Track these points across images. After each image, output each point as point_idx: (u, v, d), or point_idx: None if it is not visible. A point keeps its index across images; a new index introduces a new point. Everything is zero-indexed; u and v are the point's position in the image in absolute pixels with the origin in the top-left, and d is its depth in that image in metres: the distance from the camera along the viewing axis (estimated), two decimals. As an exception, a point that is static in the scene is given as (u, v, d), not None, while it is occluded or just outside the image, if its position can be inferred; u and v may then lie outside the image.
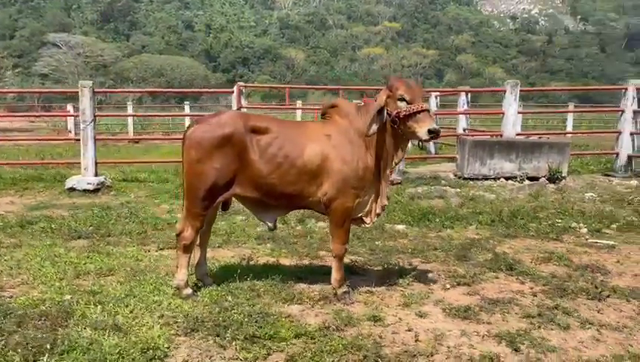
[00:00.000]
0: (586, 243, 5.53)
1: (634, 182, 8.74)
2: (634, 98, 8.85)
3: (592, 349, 3.05)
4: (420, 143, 3.92)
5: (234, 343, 3.08)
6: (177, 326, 3.30)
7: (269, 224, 3.87)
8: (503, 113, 9.00)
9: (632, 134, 8.99)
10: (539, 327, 3.32)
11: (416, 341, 3.13)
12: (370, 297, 3.83)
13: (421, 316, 3.49)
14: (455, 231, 6.00)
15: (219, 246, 5.32)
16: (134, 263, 4.62)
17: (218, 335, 3.16)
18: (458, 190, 8.00)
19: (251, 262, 4.65)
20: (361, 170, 3.59)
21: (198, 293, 3.84)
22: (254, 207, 3.85)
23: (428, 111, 3.53)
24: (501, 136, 9.03)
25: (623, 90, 9.06)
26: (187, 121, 20.65)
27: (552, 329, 3.29)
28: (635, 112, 8.93)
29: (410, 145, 5.26)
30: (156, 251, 5.15)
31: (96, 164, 8.41)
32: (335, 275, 3.79)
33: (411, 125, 3.50)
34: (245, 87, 8.66)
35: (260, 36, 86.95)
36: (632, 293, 3.94)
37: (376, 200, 3.73)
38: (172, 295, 3.80)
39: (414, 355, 2.94)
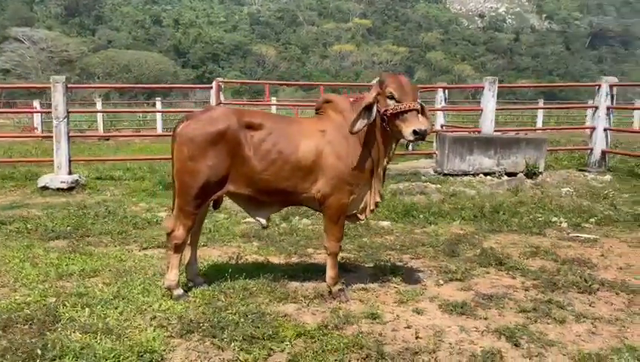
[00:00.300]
0: (568, 238, 5.62)
1: (607, 177, 8.95)
2: (607, 95, 9.05)
3: (589, 342, 3.08)
4: (407, 143, 3.88)
5: (232, 344, 3.00)
6: (172, 328, 3.20)
7: (262, 221, 3.80)
8: (482, 110, 9.09)
9: (605, 130, 9.19)
10: (535, 321, 3.34)
11: (416, 338, 3.10)
12: (365, 294, 3.80)
13: (418, 313, 3.48)
14: (440, 227, 6.01)
15: (204, 245, 5.20)
16: (118, 264, 4.48)
17: (215, 337, 3.09)
18: (439, 186, 8.04)
19: (240, 261, 4.57)
20: (356, 166, 3.54)
21: (189, 294, 3.74)
22: (247, 204, 3.77)
23: (417, 111, 3.39)
24: (479, 132, 9.13)
25: (597, 87, 9.26)
26: (159, 118, 20.31)
27: (548, 324, 3.31)
28: (608, 109, 9.14)
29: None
30: (139, 251, 5.01)
31: (69, 161, 8.15)
32: (330, 273, 3.74)
33: (398, 124, 3.38)
34: (224, 82, 8.52)
35: (230, 32, 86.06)
36: (620, 286, 4.00)
37: (370, 196, 3.69)
38: (162, 296, 3.70)
39: (416, 352, 2.91)
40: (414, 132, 3.33)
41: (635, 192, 8.14)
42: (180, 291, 3.69)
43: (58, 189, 7.79)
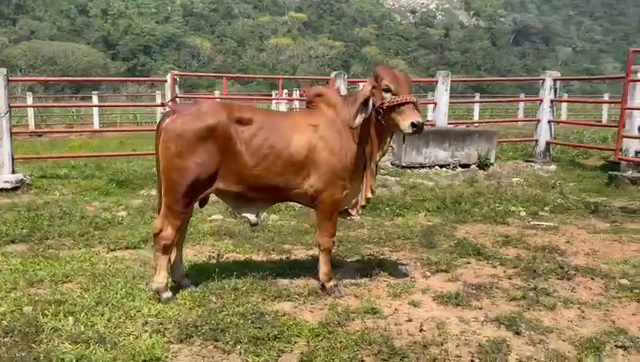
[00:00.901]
0: (530, 226, 5.85)
1: (553, 167, 9.41)
2: (551, 88, 9.49)
3: (583, 327, 3.22)
4: (403, 136, 3.87)
5: (238, 347, 2.91)
6: (169, 333, 3.07)
7: (252, 219, 3.69)
8: (436, 103, 9.30)
9: (549, 122, 9.65)
10: (528, 309, 3.45)
11: (420, 331, 3.12)
12: (358, 289, 3.79)
13: (415, 305, 3.51)
14: (408, 219, 6.10)
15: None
16: (90, 267, 4.24)
17: (217, 340, 2.98)
18: (398, 178, 8.16)
19: (221, 260, 4.44)
20: (349, 160, 3.51)
21: (177, 296, 3.59)
22: (235, 201, 3.66)
23: (414, 103, 3.39)
24: (433, 125, 9.33)
25: (541, 81, 9.70)
26: (96, 113, 19.43)
27: (540, 311, 3.43)
28: (552, 102, 9.59)
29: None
30: (107, 253, 4.77)
31: (13, 160, 7.62)
32: (323, 269, 3.69)
33: (395, 117, 3.38)
34: (180, 75, 8.23)
35: (162, 23, 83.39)
36: (593, 271, 4.21)
37: (362, 191, 3.67)
38: (149, 299, 3.53)
39: (425, 346, 2.93)
40: (412, 124, 3.32)
41: (579, 181, 8.61)
42: (168, 294, 3.53)
43: (2, 190, 7.26)
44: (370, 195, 3.69)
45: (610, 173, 8.15)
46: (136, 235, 5.15)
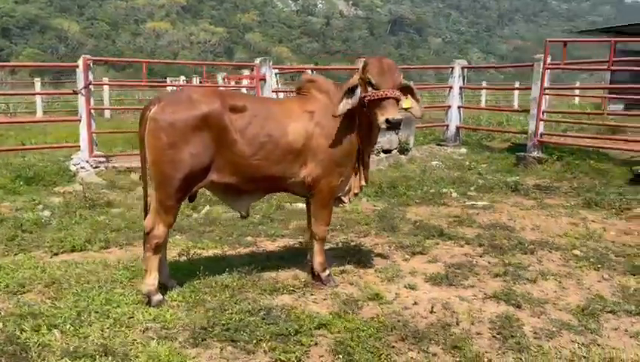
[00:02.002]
0: (469, 206, 6.20)
1: (463, 150, 10.04)
2: (460, 76, 10.08)
3: (568, 296, 3.49)
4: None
5: (263, 345, 2.77)
6: (180, 338, 2.84)
7: (243, 212, 3.53)
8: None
9: (459, 108, 10.25)
10: (514, 283, 3.66)
11: (431, 312, 3.20)
12: (349, 277, 3.78)
13: (412, 288, 3.57)
14: (354, 205, 6.17)
15: (128, 244, 4.67)
16: (43, 274, 3.82)
17: (235, 340, 2.82)
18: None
19: (193, 257, 4.18)
20: (346, 147, 3.46)
21: (166, 297, 3.34)
22: (227, 194, 3.47)
23: (396, 99, 3.30)
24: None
25: (450, 69, 10.26)
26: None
27: (525, 284, 3.66)
28: (461, 88, 10.20)
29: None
30: (51, 257, 4.31)
31: None
32: (318, 259, 3.63)
33: (374, 111, 3.27)
34: (94, 60, 7.53)
35: (22, 4, 75.77)
36: (547, 245, 4.57)
37: (355, 179, 3.65)
38: (135, 304, 3.25)
39: (444, 326, 3.01)
40: (387, 121, 3.22)
41: (490, 162, 9.25)
42: (159, 296, 3.26)
43: None
44: (364, 183, 3.68)
45: (518, 153, 8.87)
46: (76, 237, 4.68)
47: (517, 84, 17.61)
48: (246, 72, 13.57)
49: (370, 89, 3.31)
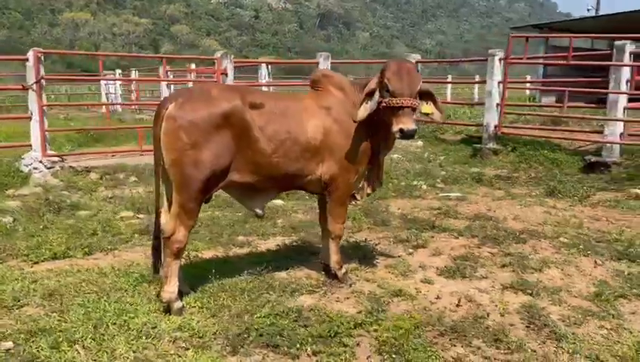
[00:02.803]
0: (444, 198, 6.34)
1: (420, 143, 10.23)
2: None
3: (577, 284, 3.62)
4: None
5: (305, 349, 2.69)
6: (215, 347, 2.72)
7: (259, 211, 3.39)
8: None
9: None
10: (523, 273, 3.77)
11: (457, 306, 3.23)
12: (361, 273, 3.74)
13: (429, 282, 3.59)
14: (331, 200, 6.14)
15: (113, 250, 4.40)
16: (37, 285, 3.53)
17: (276, 346, 2.73)
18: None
19: (194, 261, 4.00)
20: (362, 144, 3.40)
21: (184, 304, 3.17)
22: (243, 194, 3.33)
23: (413, 108, 3.17)
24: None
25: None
26: None
27: (533, 273, 3.77)
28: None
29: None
30: (31, 266, 4.00)
31: None
32: (335, 257, 3.56)
33: (390, 118, 3.16)
34: (44, 53, 6.99)
35: None
36: (535, 234, 4.74)
37: (370, 178, 3.60)
38: (153, 312, 3.07)
39: (476, 319, 3.04)
40: (401, 130, 3.11)
41: (447, 154, 9.49)
42: (180, 304, 3.10)
43: None
44: (379, 180, 3.66)
45: (475, 145, 9.17)
46: (53, 243, 4.36)
47: (477, 78, 18.14)
48: (192, 66, 13.15)
49: (387, 94, 3.18)
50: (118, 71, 17.54)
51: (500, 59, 8.86)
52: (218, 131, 2.98)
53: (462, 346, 2.77)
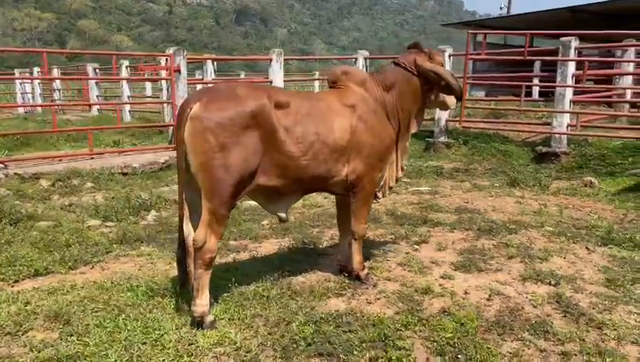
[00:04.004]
0: (415, 191, 6.42)
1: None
2: (363, 66, 10.32)
3: (585, 270, 3.76)
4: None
5: (363, 355, 2.59)
6: (267, 360, 2.54)
7: (283, 215, 3.23)
8: (271, 81, 9.22)
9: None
10: (533, 263, 3.85)
11: (488, 300, 3.24)
12: (377, 272, 3.66)
13: (449, 278, 3.58)
14: (304, 200, 6.02)
15: (100, 262, 4.06)
16: (34, 307, 3.17)
17: (330, 354, 2.62)
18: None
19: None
20: (387, 140, 3.35)
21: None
22: (268, 198, 3.14)
23: None
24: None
25: (354, 59, 10.46)
26: None
27: (541, 263, 3.86)
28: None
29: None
30: (11, 286, 3.63)
31: None
32: (357, 258, 3.47)
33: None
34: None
35: None
36: (520, 224, 4.88)
37: (391, 172, 3.55)
38: (181, 327, 2.85)
39: (511, 312, 3.07)
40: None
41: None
42: (212, 317, 2.88)
43: None
44: (400, 174, 3.61)
45: (428, 139, 9.37)
46: (28, 259, 3.96)
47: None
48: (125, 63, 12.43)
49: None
50: (36, 69, 16.22)
51: (449, 55, 9.12)
52: (246, 132, 2.80)
53: (511, 340, 2.78)
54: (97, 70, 13.93)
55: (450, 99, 3.50)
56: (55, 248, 4.27)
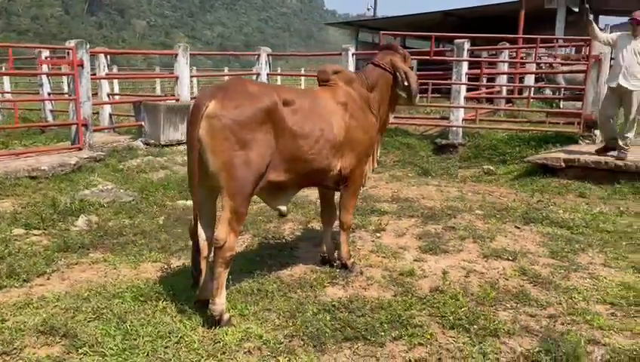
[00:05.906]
0: (385, 187, 6.59)
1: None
2: (266, 63, 10.36)
3: (528, 246, 4.25)
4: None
5: (386, 336, 2.78)
6: (298, 350, 2.67)
7: (283, 209, 3.27)
8: (177, 77, 8.89)
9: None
10: (483, 243, 4.27)
11: (466, 277, 3.57)
12: (357, 261, 3.83)
13: (423, 261, 3.88)
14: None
15: (55, 271, 3.77)
16: (13, 324, 2.86)
17: (356, 338, 2.77)
18: (166, 158, 7.64)
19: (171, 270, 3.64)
20: (373, 135, 3.54)
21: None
22: (271, 193, 3.16)
23: None
24: (177, 100, 8.91)
25: (256, 56, 10.44)
26: None
27: (490, 242, 4.29)
28: (268, 75, 10.49)
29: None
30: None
31: None
32: (345, 247, 3.63)
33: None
34: None
35: None
36: (454, 209, 5.33)
37: (370, 164, 3.71)
38: (197, 326, 2.80)
39: (493, 286, 3.42)
40: None
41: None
42: (228, 314, 2.86)
43: None
44: (375, 166, 3.79)
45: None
46: (14, 266, 3.62)
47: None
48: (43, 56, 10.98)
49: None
50: None
51: (352, 54, 9.51)
52: (262, 128, 2.82)
53: (503, 310, 3.12)
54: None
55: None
56: (15, 259, 3.84)
